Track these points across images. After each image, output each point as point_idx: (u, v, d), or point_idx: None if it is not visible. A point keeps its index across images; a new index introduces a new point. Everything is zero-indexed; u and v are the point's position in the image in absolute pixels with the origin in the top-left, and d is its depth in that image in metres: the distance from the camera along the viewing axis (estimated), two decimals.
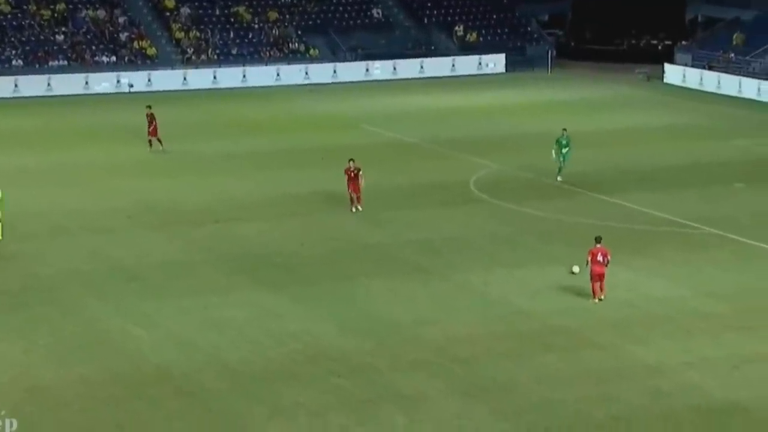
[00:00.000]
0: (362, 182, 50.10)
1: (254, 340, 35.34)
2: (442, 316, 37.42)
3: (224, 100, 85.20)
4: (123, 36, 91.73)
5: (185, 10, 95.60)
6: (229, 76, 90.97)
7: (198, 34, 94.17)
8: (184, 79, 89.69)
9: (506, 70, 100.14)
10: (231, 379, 32.78)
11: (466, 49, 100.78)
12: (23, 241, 45.96)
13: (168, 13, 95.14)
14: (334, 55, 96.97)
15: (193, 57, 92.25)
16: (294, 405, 31.03)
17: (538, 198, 53.81)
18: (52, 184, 56.63)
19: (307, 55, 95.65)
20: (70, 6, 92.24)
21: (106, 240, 46.60)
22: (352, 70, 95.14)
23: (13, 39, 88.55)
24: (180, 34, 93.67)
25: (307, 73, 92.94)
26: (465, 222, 49.78)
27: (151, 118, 62.73)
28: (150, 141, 63.37)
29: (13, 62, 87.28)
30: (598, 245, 38.62)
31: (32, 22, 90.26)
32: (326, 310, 38.48)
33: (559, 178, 56.31)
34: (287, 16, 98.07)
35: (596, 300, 38.62)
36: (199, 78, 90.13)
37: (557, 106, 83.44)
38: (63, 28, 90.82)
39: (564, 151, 56.64)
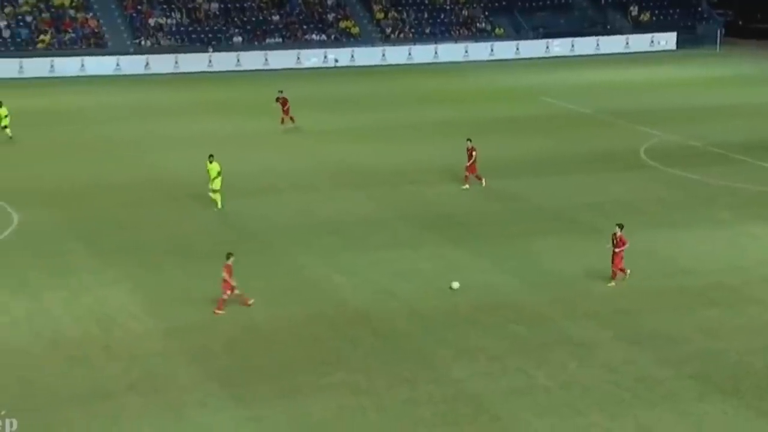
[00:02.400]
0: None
1: (441, 289, 35.43)
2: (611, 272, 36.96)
3: (418, 74, 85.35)
4: (330, 17, 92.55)
5: None
6: (423, 53, 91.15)
7: (396, 15, 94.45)
8: (383, 55, 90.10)
9: (677, 48, 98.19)
10: (420, 323, 32.95)
11: (640, 27, 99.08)
12: (240, 198, 46.89)
13: None
14: (518, 33, 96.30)
15: (392, 35, 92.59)
16: (476, 348, 31.05)
17: (704, 165, 52.65)
18: (266, 149, 57.60)
19: (493, 34, 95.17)
20: None
21: (311, 198, 47.25)
22: (533, 48, 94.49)
23: (236, 19, 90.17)
24: (380, 15, 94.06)
25: (492, 50, 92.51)
26: (635, 187, 49.01)
27: (284, 101, 62.01)
28: (282, 119, 62.14)
29: (235, 39, 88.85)
30: (620, 232, 35.79)
31: (252, 4, 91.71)
32: (505, 265, 38.36)
33: None
34: None
35: (614, 283, 35.80)
36: (396, 54, 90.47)
37: (725, 80, 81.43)
38: (279, 10, 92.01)
39: None
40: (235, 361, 30.34)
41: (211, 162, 44.66)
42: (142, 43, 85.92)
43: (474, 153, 48.11)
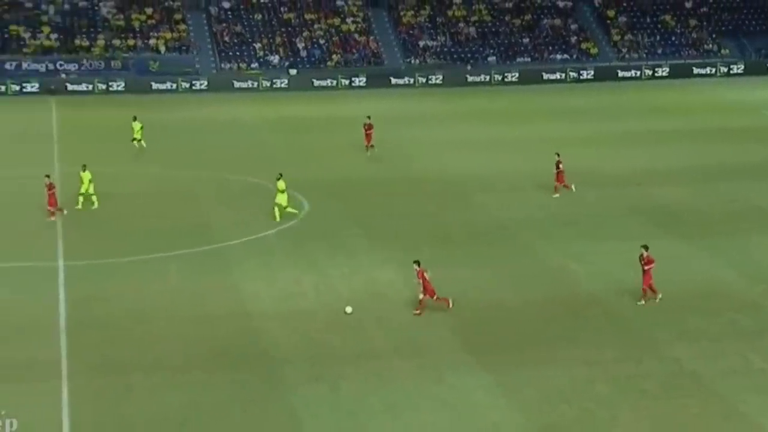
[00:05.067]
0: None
1: (665, 278, 34.33)
2: None
3: (649, 89, 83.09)
4: (573, 39, 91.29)
5: (622, 18, 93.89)
6: (654, 71, 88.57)
7: (631, 37, 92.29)
8: (618, 73, 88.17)
9: None
10: (645, 307, 32.13)
11: None
12: (492, 193, 46.81)
13: (608, 21, 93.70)
14: (742, 54, 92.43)
15: (626, 55, 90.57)
16: (696, 331, 30.11)
17: None
18: (512, 152, 57.31)
19: (719, 54, 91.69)
20: (535, 16, 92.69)
21: (550, 195, 46.70)
22: (756, 67, 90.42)
23: (491, 41, 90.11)
24: (617, 37, 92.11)
25: (717, 69, 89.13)
26: None
27: (369, 127, 56.79)
28: (366, 147, 55.93)
29: (490, 59, 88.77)
30: (646, 252, 32.63)
31: (506, 29, 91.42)
32: (725, 258, 36.96)
33: None
34: (704, 23, 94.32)
35: (643, 302, 32.45)
36: (630, 72, 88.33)
37: None
38: (529, 33, 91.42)
39: None
40: (485, 334, 30.40)
41: (278, 179, 42.30)
42: (412, 61, 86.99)
43: (560, 165, 46.39)
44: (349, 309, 31.67)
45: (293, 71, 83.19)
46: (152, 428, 24.61)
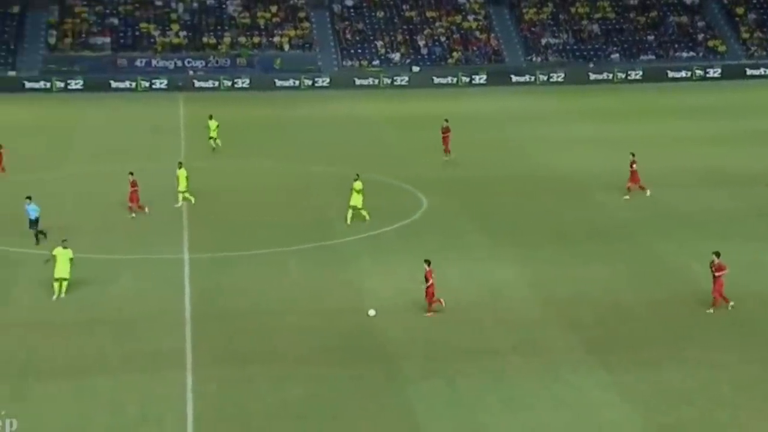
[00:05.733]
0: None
1: None
2: None
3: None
4: (700, 36, 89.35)
5: (752, 16, 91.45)
6: None
7: (761, 35, 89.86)
8: (745, 71, 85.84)
9: None
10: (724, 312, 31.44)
11: None
12: (609, 192, 46.16)
13: (737, 18, 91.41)
14: None
15: (755, 53, 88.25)
16: None
17: None
18: (636, 150, 56.31)
19: None
20: (660, 13, 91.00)
21: (676, 194, 45.83)
22: None
23: (615, 39, 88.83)
24: (746, 35, 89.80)
25: None
26: None
27: (446, 130, 54.27)
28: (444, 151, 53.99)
29: (613, 56, 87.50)
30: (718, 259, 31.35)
31: (630, 26, 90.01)
32: None
33: None
34: None
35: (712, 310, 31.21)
36: (758, 70, 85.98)
37: None
38: (655, 31, 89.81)
39: None
40: (602, 332, 30.07)
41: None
42: (533, 59, 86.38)
43: (634, 165, 45.16)
44: (372, 312, 30.96)
45: (416, 68, 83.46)
46: (271, 420, 25.04)
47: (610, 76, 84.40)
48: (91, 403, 25.65)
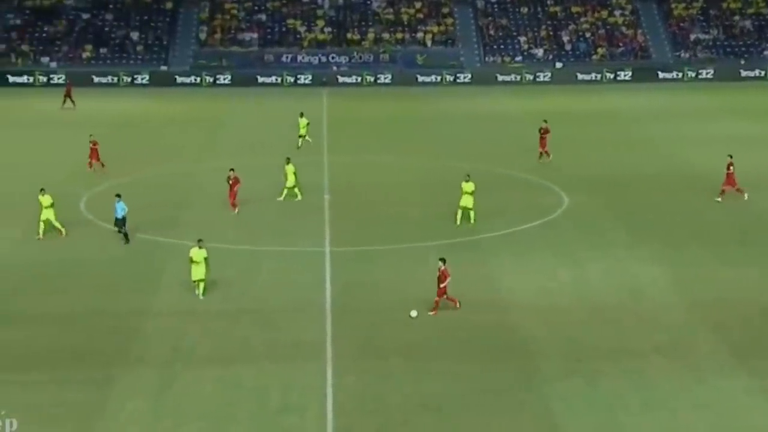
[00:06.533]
0: None
1: None
2: None
3: None
4: None
5: None
6: None
7: None
8: None
9: None
10: None
11: None
12: (759, 191, 44.83)
13: None
14: None
15: None
16: None
17: None
18: (765, 148, 54.75)
19: None
20: None
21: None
22: None
23: None
24: None
25: None
26: None
27: (545, 131, 52.10)
28: (540, 153, 52.11)
29: (765, 53, 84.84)
30: None
31: None
32: None
33: None
34: None
35: None
36: None
37: None
38: None
39: None
40: (748, 336, 29.31)
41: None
42: (681, 55, 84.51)
43: (731, 167, 43.30)
44: (414, 313, 30.44)
45: (559, 64, 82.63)
46: (409, 413, 25.21)
47: (763, 73, 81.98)
48: (235, 391, 26.30)
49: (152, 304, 32.08)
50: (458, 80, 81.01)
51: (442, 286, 31.00)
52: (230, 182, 42.10)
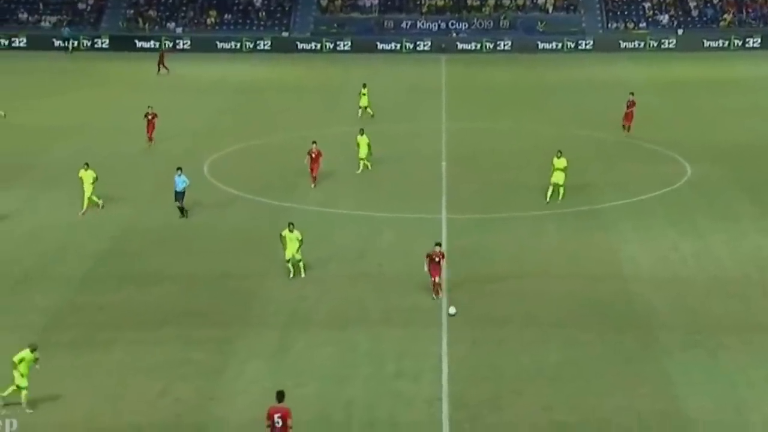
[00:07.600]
0: None
1: None
2: None
3: None
4: None
5: None
6: None
7: None
8: None
9: None
10: None
11: None
12: None
13: None
14: None
15: None
16: None
17: None
18: None
19: None
20: None
21: None
22: None
23: None
24: None
25: None
26: None
27: (631, 104, 49.48)
28: (624, 126, 50.01)
29: None
30: None
31: None
32: None
33: None
34: None
35: None
36: None
37: None
38: None
39: None
40: None
41: None
42: None
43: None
44: (452, 310, 28.77)
45: (680, 31, 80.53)
46: (524, 382, 25.04)
47: None
48: (352, 354, 26.49)
49: (271, 267, 32.46)
50: (579, 47, 79.55)
51: (438, 267, 29.49)
52: (312, 155, 40.96)
